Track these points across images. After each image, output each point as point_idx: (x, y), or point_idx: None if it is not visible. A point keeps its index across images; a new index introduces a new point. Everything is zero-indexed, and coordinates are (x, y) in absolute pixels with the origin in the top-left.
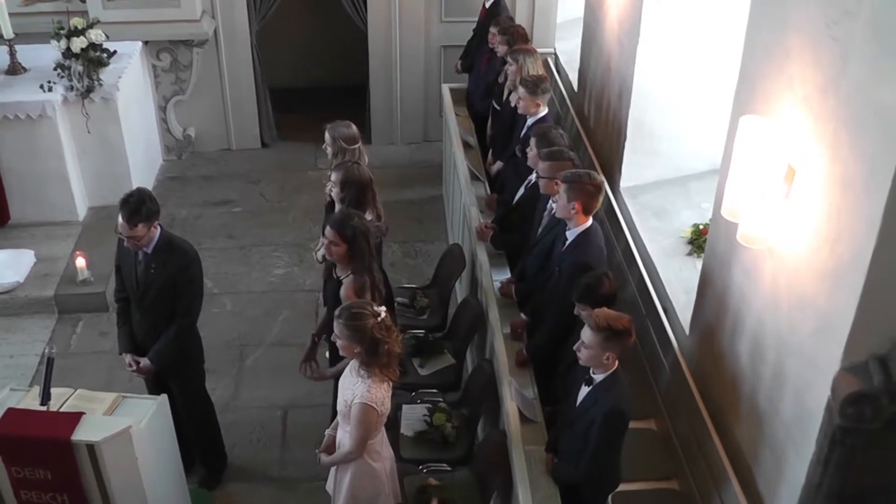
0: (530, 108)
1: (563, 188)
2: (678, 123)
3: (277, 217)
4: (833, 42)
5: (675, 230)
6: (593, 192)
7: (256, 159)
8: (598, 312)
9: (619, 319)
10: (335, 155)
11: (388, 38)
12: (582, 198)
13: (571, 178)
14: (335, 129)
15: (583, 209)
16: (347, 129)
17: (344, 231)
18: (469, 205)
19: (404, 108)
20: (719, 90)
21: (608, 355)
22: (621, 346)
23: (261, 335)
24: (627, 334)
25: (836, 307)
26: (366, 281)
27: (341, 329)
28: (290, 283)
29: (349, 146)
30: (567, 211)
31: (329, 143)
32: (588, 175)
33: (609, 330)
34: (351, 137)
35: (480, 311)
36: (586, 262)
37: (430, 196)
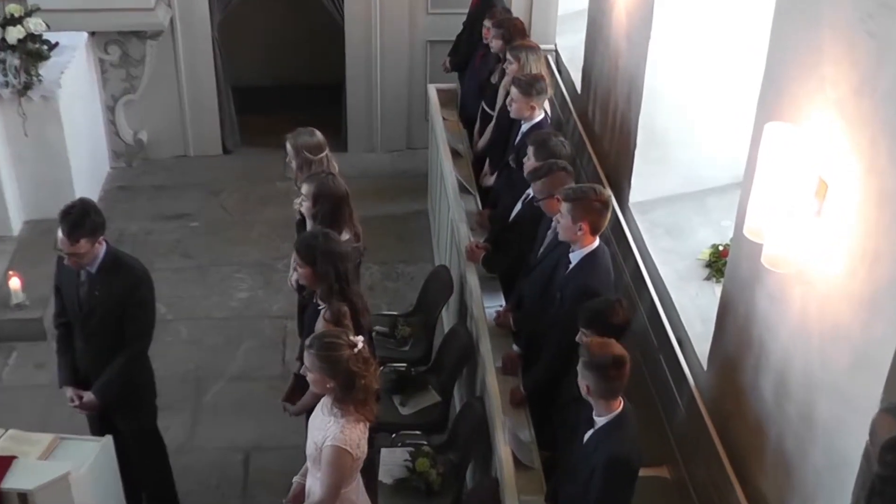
0: (524, 112)
1: (567, 207)
2: (695, 130)
3: (241, 233)
4: (869, 38)
5: (691, 251)
6: (601, 209)
7: (217, 167)
8: (595, 339)
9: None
10: (300, 168)
11: (367, 31)
12: (589, 217)
13: (576, 195)
14: (297, 138)
15: (590, 229)
16: (311, 136)
17: (307, 252)
18: (458, 221)
19: (385, 111)
20: (742, 92)
21: (585, 385)
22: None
23: (221, 367)
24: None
25: (875, 339)
26: (339, 308)
27: (312, 361)
28: (255, 308)
29: (315, 156)
30: (573, 232)
31: (291, 156)
32: (594, 190)
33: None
34: (316, 146)
35: (470, 341)
36: (592, 287)
37: (413, 211)
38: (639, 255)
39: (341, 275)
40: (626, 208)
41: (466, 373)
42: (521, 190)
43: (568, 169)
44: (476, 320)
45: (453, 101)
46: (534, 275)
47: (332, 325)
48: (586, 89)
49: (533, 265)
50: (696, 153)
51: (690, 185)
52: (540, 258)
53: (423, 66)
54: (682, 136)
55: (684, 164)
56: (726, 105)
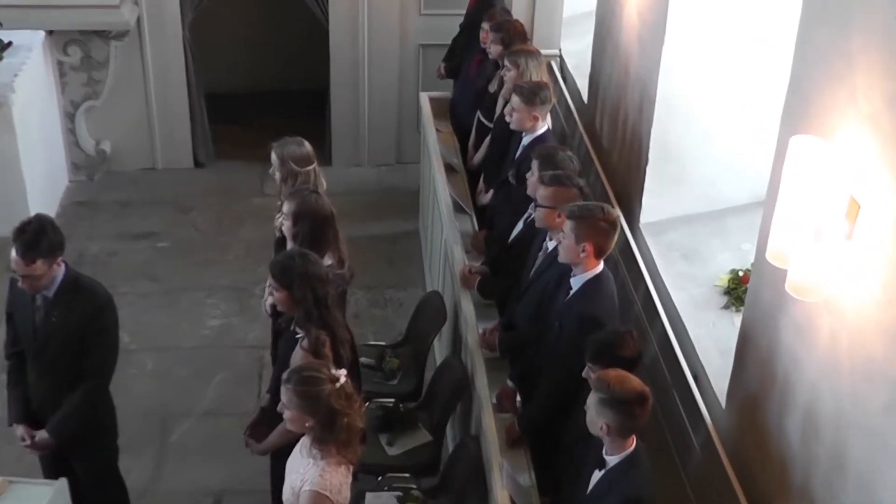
0: (526, 123)
1: (570, 226)
2: (713, 143)
3: (214, 255)
4: None
5: (709, 277)
6: (607, 229)
7: (188, 182)
8: (609, 371)
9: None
10: (284, 180)
11: (354, 33)
12: (594, 238)
13: (580, 213)
14: (283, 147)
15: (595, 251)
16: (299, 147)
17: (282, 274)
18: (452, 243)
19: (373, 122)
20: (765, 102)
21: (602, 424)
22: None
23: (190, 402)
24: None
25: None
26: (318, 336)
27: (290, 397)
28: (229, 337)
29: (301, 168)
30: (575, 254)
31: (276, 166)
32: (601, 209)
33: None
34: (303, 158)
35: (465, 375)
36: (594, 315)
37: (403, 231)
38: (650, 280)
39: (320, 299)
40: (636, 229)
41: (461, 409)
42: (521, 209)
43: (584, 190)
44: (471, 351)
45: (447, 110)
46: (525, 298)
47: (311, 354)
48: (593, 98)
49: (525, 286)
50: (714, 169)
51: (708, 204)
52: (532, 279)
53: (415, 72)
54: (698, 150)
55: (701, 180)
56: (748, 116)
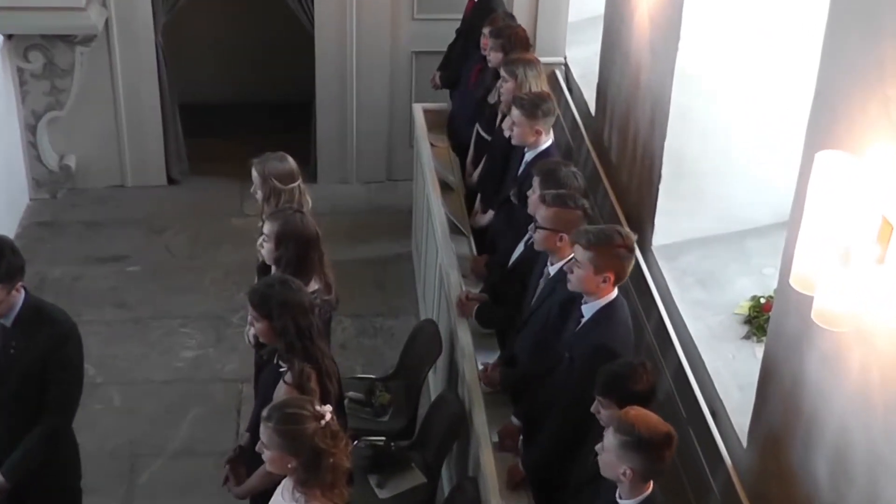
0: (527, 137)
1: (587, 256)
2: (732, 159)
3: (189, 279)
4: None
5: (728, 304)
6: (626, 256)
7: (161, 200)
8: (631, 411)
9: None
10: (266, 198)
11: (341, 39)
12: (615, 266)
13: (598, 241)
14: (265, 164)
15: (615, 280)
16: (281, 163)
17: (261, 303)
18: (448, 267)
19: (362, 135)
20: (789, 116)
21: (625, 469)
22: (648, 463)
23: (161, 441)
24: (662, 447)
25: None
26: (301, 369)
27: (270, 436)
28: (204, 369)
29: (285, 186)
30: (594, 285)
31: (258, 184)
32: (618, 234)
33: (627, 432)
34: (287, 174)
35: (462, 411)
36: (609, 346)
37: (394, 254)
38: (663, 308)
39: (303, 330)
40: (648, 253)
41: (457, 449)
42: (523, 231)
43: (588, 212)
44: (469, 385)
45: (443, 123)
46: (527, 329)
47: (296, 389)
48: (601, 110)
49: (526, 317)
50: (733, 187)
51: (726, 225)
52: (533, 308)
53: (408, 82)
54: (716, 166)
55: (719, 199)
56: (770, 129)
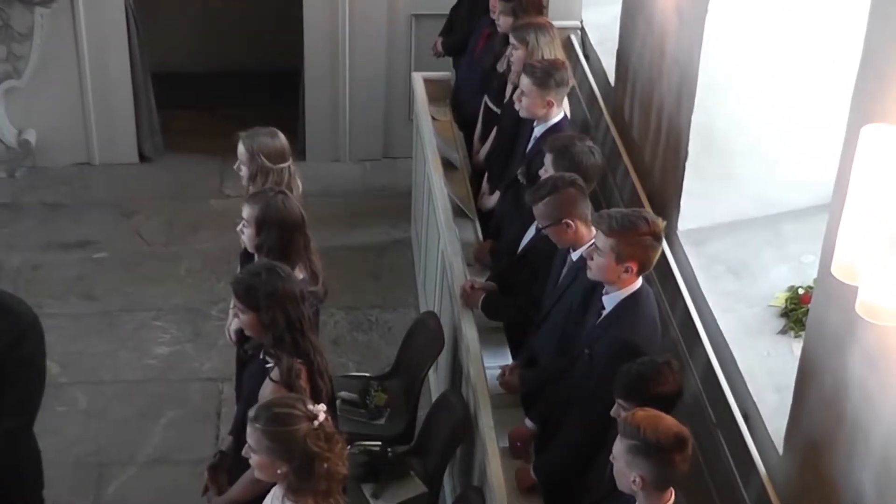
0: (537, 109)
1: (609, 243)
2: (766, 135)
3: (163, 268)
4: None
5: (762, 296)
6: (653, 244)
7: (131, 180)
8: (640, 412)
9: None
10: (253, 178)
11: (332, 1)
12: (639, 255)
13: (622, 226)
14: (254, 139)
15: (639, 270)
16: (272, 139)
17: (247, 294)
18: (451, 254)
19: (356, 108)
20: (831, 86)
21: (635, 477)
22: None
23: (132, 448)
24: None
25: None
26: (291, 366)
27: (259, 439)
28: (180, 368)
29: (275, 165)
30: (615, 275)
31: (244, 161)
32: (644, 220)
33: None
34: (277, 152)
35: (466, 413)
36: (632, 342)
37: (392, 241)
38: (690, 300)
39: (294, 322)
40: (673, 238)
41: (461, 455)
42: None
43: (578, 183)
44: (474, 385)
45: (446, 95)
46: (548, 323)
47: (283, 387)
48: (622, 81)
49: (547, 310)
50: (767, 165)
51: (760, 207)
52: (555, 298)
53: (407, 49)
54: (749, 142)
55: (752, 179)
56: (809, 102)
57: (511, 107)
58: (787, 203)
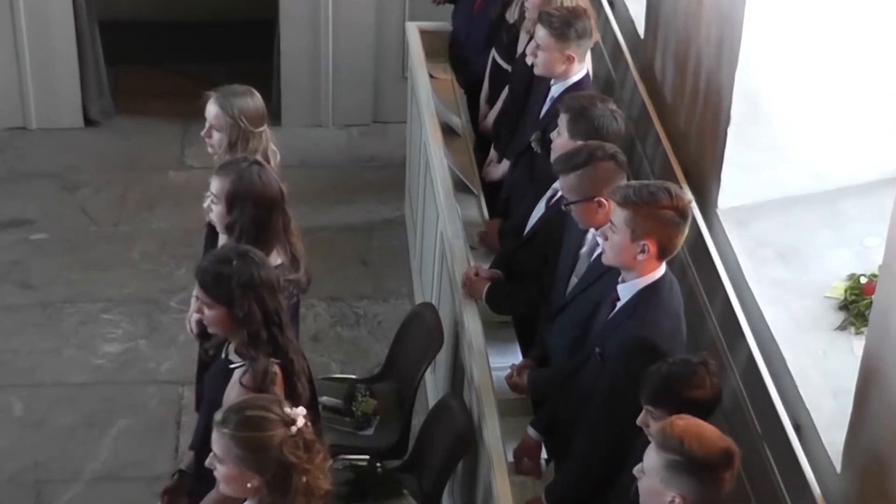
0: (556, 66)
1: (624, 217)
2: (821, 99)
3: (113, 251)
4: None
5: (817, 285)
6: (676, 221)
7: (76, 148)
8: (681, 420)
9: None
10: (232, 145)
11: None
12: (658, 233)
13: (639, 198)
14: (229, 98)
15: (658, 252)
16: (251, 99)
17: (216, 284)
18: (452, 236)
19: (340, 64)
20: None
21: (674, 497)
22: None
23: (77, 462)
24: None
25: None
26: (265, 368)
27: (227, 446)
28: (134, 368)
29: (255, 129)
30: (630, 255)
31: (221, 125)
32: (667, 191)
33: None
34: (257, 114)
35: (468, 423)
36: (650, 339)
37: (382, 220)
38: (732, 289)
39: (271, 315)
40: (713, 217)
41: (463, 471)
42: (546, 185)
43: (619, 158)
44: (478, 389)
45: (447, 48)
46: (563, 316)
47: (255, 393)
48: (652, 32)
49: (561, 303)
50: (825, 133)
51: (814, 182)
52: (575, 290)
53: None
54: (802, 106)
55: (806, 149)
56: (872, 60)
57: (523, 62)
58: (847, 177)
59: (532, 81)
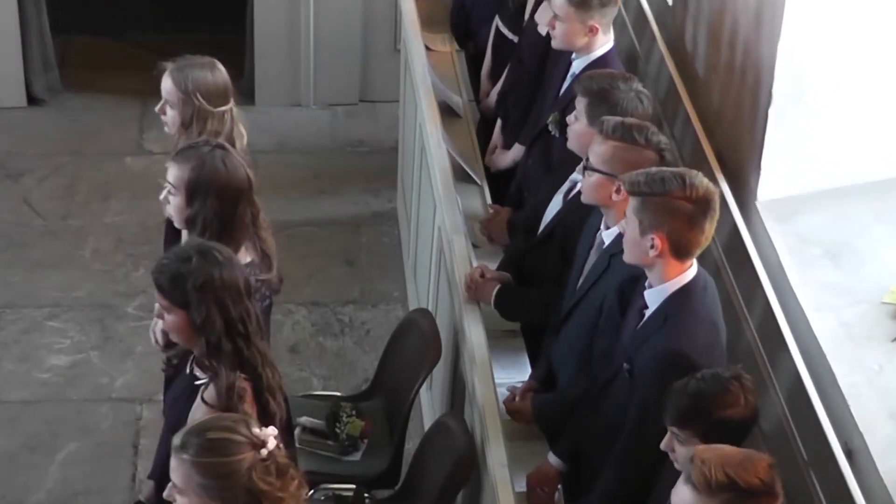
0: (577, 39)
1: (632, 206)
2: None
3: (61, 249)
4: None
5: (871, 289)
6: (692, 214)
7: (18, 130)
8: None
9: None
10: (186, 124)
11: None
12: (668, 225)
13: (649, 185)
14: (185, 70)
15: (671, 248)
16: (211, 72)
17: (173, 285)
18: (452, 231)
19: (323, 35)
20: None
21: None
22: None
23: (18, 493)
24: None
25: None
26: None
27: (188, 473)
28: (85, 384)
29: (215, 108)
30: (640, 252)
31: (173, 101)
32: (680, 179)
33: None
34: (218, 91)
35: (470, 447)
36: (685, 352)
37: (371, 213)
38: (773, 293)
39: (234, 322)
40: (750, 210)
41: (463, 503)
42: (563, 176)
43: (665, 153)
44: (481, 408)
45: (445, 17)
46: (568, 328)
47: (220, 411)
48: (682, 1)
49: (566, 309)
50: (879, 115)
51: (869, 171)
52: (579, 294)
53: None
54: (854, 84)
55: (858, 134)
56: None
57: (534, 32)
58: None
59: (548, 55)
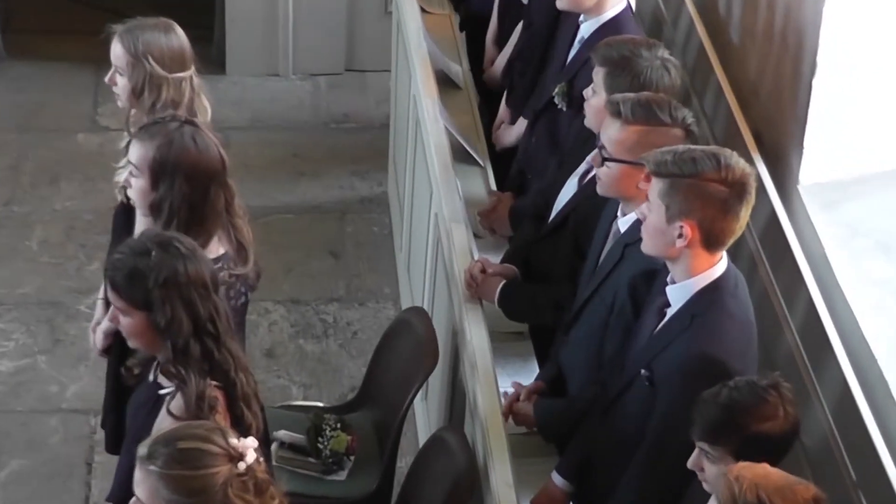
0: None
1: (658, 190)
2: None
3: (2, 239)
4: None
5: None
6: (725, 200)
7: None
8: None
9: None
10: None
11: None
12: (700, 212)
13: (679, 166)
14: (135, 32)
15: (703, 238)
16: (166, 35)
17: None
18: (450, 219)
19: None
20: None
21: None
22: None
23: None
24: None
25: None
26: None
27: (153, 488)
28: (31, 393)
29: (171, 74)
30: (665, 243)
31: (122, 67)
32: (714, 159)
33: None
34: (174, 56)
35: (471, 464)
36: (715, 358)
37: (359, 198)
38: (818, 290)
39: (204, 324)
40: (792, 196)
41: None
42: (575, 153)
43: (691, 128)
44: (483, 420)
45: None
46: (578, 328)
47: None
48: None
49: (577, 307)
50: None
51: None
52: (591, 289)
53: None
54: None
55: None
56: None
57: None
58: None
59: (556, 19)
